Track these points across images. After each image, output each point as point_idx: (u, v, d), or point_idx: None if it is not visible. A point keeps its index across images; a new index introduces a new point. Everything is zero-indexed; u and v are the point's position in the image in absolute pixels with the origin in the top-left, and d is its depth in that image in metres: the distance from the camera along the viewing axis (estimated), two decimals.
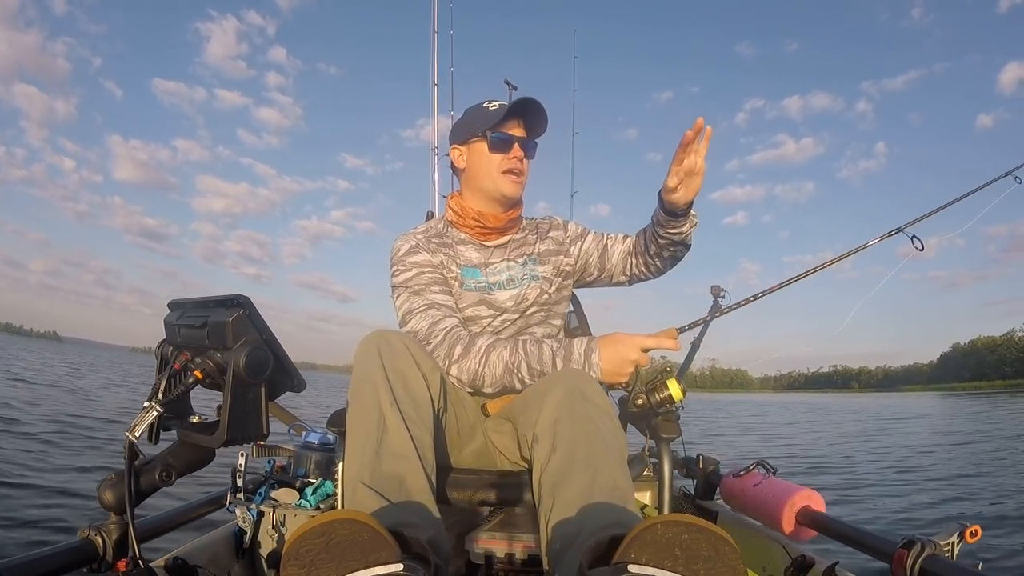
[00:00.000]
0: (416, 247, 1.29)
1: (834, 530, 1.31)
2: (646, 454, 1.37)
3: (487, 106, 1.29)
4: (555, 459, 0.89)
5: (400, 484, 0.87)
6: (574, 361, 1.09)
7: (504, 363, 1.12)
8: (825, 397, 79.46)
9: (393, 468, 0.88)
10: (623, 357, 1.08)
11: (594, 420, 0.92)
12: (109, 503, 1.02)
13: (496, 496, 1.12)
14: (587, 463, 0.87)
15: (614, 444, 0.92)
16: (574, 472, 0.87)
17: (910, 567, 1.05)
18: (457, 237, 1.34)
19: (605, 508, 0.82)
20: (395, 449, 0.90)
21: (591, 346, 1.10)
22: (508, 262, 1.34)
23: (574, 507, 0.83)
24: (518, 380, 1.12)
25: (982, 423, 14.80)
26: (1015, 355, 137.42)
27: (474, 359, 1.13)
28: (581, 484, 0.85)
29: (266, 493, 1.42)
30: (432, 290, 1.23)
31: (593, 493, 0.83)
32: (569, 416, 0.93)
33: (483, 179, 1.28)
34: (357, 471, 0.89)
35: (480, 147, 1.28)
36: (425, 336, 1.17)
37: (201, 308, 1.05)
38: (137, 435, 0.98)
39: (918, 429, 13.27)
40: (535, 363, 1.11)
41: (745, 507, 1.56)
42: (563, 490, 0.86)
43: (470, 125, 1.30)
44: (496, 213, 1.32)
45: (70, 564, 0.99)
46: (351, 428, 0.95)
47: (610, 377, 1.09)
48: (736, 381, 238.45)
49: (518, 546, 1.21)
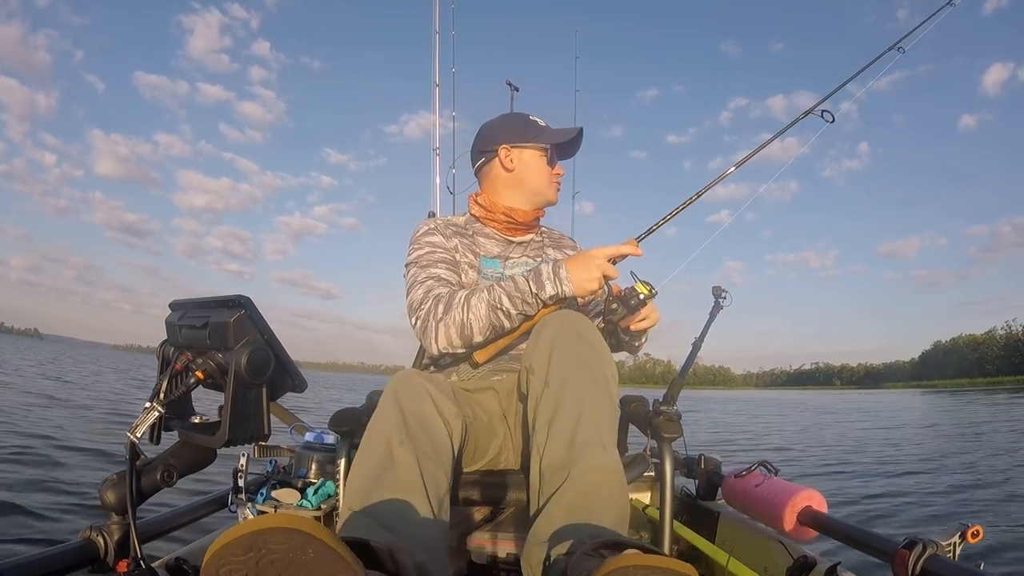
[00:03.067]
0: (433, 230, 1.35)
1: (836, 530, 1.31)
2: (647, 454, 1.37)
3: (535, 120, 1.41)
4: (547, 394, 0.95)
5: (401, 510, 0.83)
6: (545, 277, 1.14)
7: (485, 302, 1.15)
8: (806, 394, 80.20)
9: (393, 499, 0.83)
10: (589, 267, 1.14)
11: (586, 360, 0.97)
12: (110, 503, 1.02)
13: (500, 496, 1.12)
14: (574, 402, 0.93)
15: (603, 384, 0.97)
16: (563, 409, 0.93)
17: (911, 567, 1.04)
18: (480, 231, 1.40)
19: (587, 448, 0.89)
20: (400, 483, 0.86)
21: (558, 263, 1.16)
22: (526, 258, 1.41)
23: (561, 449, 0.90)
24: (503, 315, 1.16)
25: (974, 419, 14.90)
26: (996, 353, 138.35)
27: (457, 311, 1.16)
28: (568, 423, 0.91)
29: (267, 493, 1.42)
30: (438, 266, 1.28)
31: (576, 434, 0.90)
32: (562, 352, 0.98)
33: (535, 183, 1.38)
34: (350, 502, 0.86)
35: (536, 155, 1.38)
36: (419, 303, 1.22)
37: (202, 309, 1.05)
38: (139, 435, 0.98)
39: (909, 427, 13.39)
40: (514, 292, 1.15)
41: (747, 507, 1.56)
42: (553, 429, 0.92)
43: (528, 133, 1.38)
44: (526, 210, 1.40)
45: (71, 565, 0.99)
46: (355, 464, 0.93)
47: (580, 288, 1.14)
48: (719, 378, 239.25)
49: (521, 546, 1.22)
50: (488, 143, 1.41)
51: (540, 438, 0.93)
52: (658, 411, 1.33)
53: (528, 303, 1.15)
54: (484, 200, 1.41)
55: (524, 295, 1.15)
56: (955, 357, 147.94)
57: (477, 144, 1.45)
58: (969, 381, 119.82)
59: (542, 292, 1.14)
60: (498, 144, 1.39)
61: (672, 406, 1.35)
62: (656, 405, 1.37)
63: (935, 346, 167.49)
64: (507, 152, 1.38)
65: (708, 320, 1.47)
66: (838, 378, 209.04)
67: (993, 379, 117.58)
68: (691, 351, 1.46)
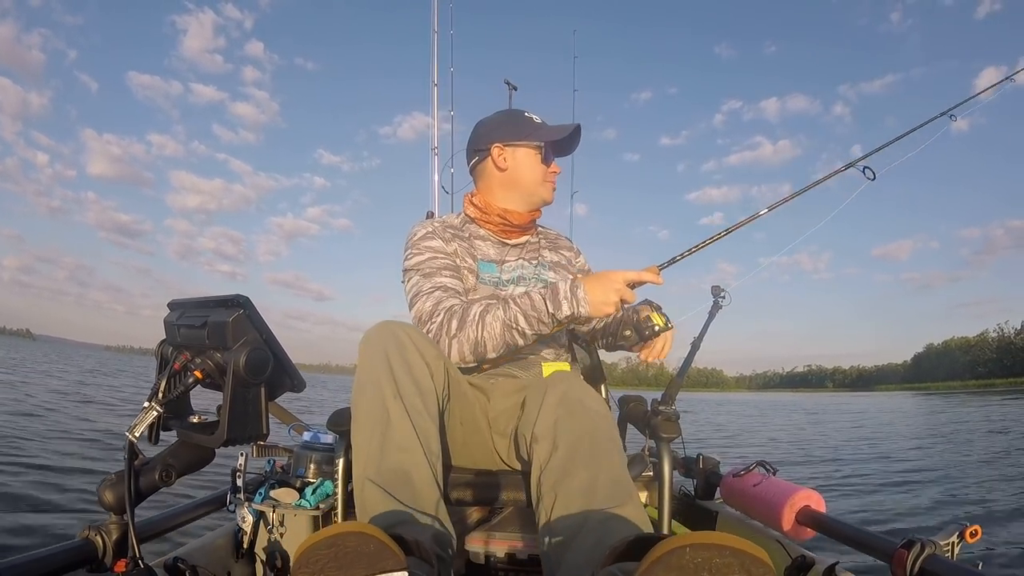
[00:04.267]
0: (431, 233, 1.32)
1: (834, 530, 1.31)
2: (646, 454, 1.37)
3: (530, 117, 1.37)
4: (556, 456, 0.90)
5: (405, 478, 0.89)
6: (562, 296, 1.12)
7: (501, 321, 1.13)
8: (799, 396, 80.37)
9: (398, 462, 0.91)
10: (607, 290, 1.12)
11: (595, 421, 0.94)
12: (109, 503, 1.02)
13: (496, 496, 1.12)
14: (589, 460, 0.88)
15: (615, 444, 0.93)
16: (576, 468, 0.87)
17: (910, 567, 1.05)
18: (476, 233, 1.38)
19: (609, 500, 0.82)
20: (399, 442, 0.92)
21: (576, 283, 1.14)
22: (523, 260, 1.38)
23: (576, 502, 0.83)
24: (518, 334, 1.14)
25: (969, 421, 14.97)
26: (988, 355, 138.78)
27: (471, 327, 1.14)
28: (584, 479, 0.86)
29: (266, 493, 1.41)
30: (442, 274, 1.25)
31: (596, 488, 0.84)
32: (569, 417, 0.94)
33: (529, 183, 1.35)
34: (364, 467, 0.92)
35: (530, 153, 1.34)
36: (429, 316, 1.19)
37: (201, 308, 1.05)
38: (137, 435, 0.98)
39: (908, 427, 13.47)
40: (530, 311, 1.13)
41: (745, 507, 1.56)
42: (565, 486, 0.86)
43: (521, 130, 1.34)
44: (521, 211, 1.37)
45: (70, 564, 0.99)
46: (356, 422, 0.97)
47: (597, 310, 1.12)
48: (711, 380, 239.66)
49: (518, 546, 1.22)
50: (481, 142, 1.37)
51: (548, 500, 0.88)
52: (656, 411, 1.33)
53: (544, 323, 1.13)
54: (479, 201, 1.38)
55: (540, 315, 1.13)
56: (947, 359, 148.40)
57: (471, 143, 1.41)
58: (961, 383, 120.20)
59: (559, 312, 1.12)
60: (491, 143, 1.35)
61: (670, 406, 1.35)
62: (655, 405, 1.36)
63: (927, 348, 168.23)
64: (500, 151, 1.34)
65: (707, 320, 1.47)
66: (831, 380, 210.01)
67: (985, 381, 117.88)
68: (690, 351, 1.46)
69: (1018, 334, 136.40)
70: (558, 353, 1.36)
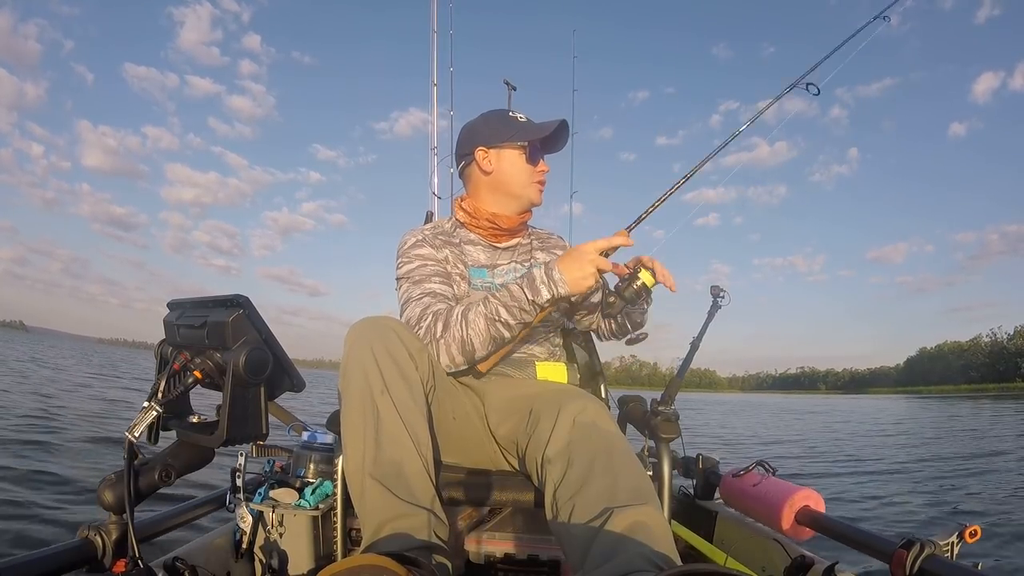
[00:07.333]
0: (421, 241, 1.31)
1: (833, 530, 1.31)
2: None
3: (515, 116, 1.34)
4: (572, 472, 0.90)
5: (398, 470, 0.93)
6: (539, 281, 1.12)
7: (483, 316, 1.13)
8: (792, 398, 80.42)
9: (391, 454, 0.94)
10: (582, 264, 1.12)
11: (610, 441, 0.94)
12: (108, 503, 1.02)
13: (495, 497, 1.12)
14: (607, 470, 0.88)
15: (632, 458, 0.94)
16: (594, 478, 0.87)
17: (909, 567, 1.05)
18: (466, 238, 1.36)
19: (632, 500, 0.83)
20: (391, 435, 0.95)
21: (550, 265, 1.14)
22: (515, 263, 1.37)
23: (596, 506, 0.83)
24: (503, 327, 1.14)
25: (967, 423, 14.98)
26: (981, 360, 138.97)
27: (456, 327, 1.14)
28: (603, 486, 0.86)
29: (265, 493, 1.41)
30: (432, 280, 1.25)
31: (616, 492, 0.84)
32: (583, 438, 0.94)
33: (514, 185, 1.33)
34: (360, 463, 0.94)
35: (514, 155, 1.32)
36: (416, 321, 1.19)
37: (200, 308, 1.05)
38: (136, 435, 0.98)
39: (907, 427, 13.48)
40: (510, 301, 1.13)
41: (744, 507, 1.56)
42: (583, 495, 0.86)
43: (504, 131, 1.32)
44: (511, 215, 1.35)
45: (69, 564, 0.99)
46: (346, 418, 0.98)
47: (576, 286, 1.12)
48: (704, 381, 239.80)
49: (518, 546, 1.22)
50: (466, 146, 1.36)
51: (566, 510, 0.87)
52: (656, 411, 1.33)
53: (525, 310, 1.13)
54: (468, 205, 1.37)
55: (520, 303, 1.13)
56: (941, 364, 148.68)
57: (457, 147, 1.39)
58: (954, 388, 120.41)
59: (538, 297, 1.12)
60: (475, 146, 1.33)
61: (670, 406, 1.35)
62: (654, 405, 1.36)
63: (921, 352, 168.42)
64: (484, 154, 1.32)
65: (706, 320, 1.47)
66: (823, 383, 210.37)
67: (978, 386, 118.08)
68: (689, 350, 1.46)
69: (1011, 340, 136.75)
70: (551, 352, 1.35)
